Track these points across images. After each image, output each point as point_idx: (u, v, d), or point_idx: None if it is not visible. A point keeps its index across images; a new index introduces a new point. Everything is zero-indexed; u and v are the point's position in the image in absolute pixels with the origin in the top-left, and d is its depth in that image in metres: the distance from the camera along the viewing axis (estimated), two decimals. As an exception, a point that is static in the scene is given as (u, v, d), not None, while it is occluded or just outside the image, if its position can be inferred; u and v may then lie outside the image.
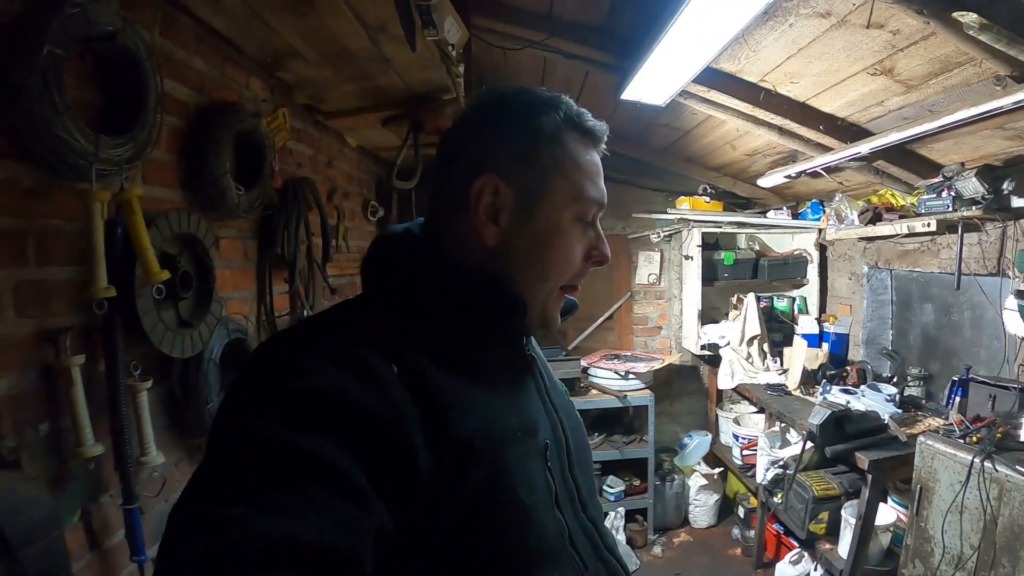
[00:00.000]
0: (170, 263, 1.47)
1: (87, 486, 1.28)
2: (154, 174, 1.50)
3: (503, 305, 0.75)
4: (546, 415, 0.82)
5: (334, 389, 0.59)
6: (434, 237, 0.80)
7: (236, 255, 1.94)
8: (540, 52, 2.80)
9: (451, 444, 0.64)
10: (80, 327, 1.28)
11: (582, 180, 0.77)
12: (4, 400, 1.11)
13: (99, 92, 1.32)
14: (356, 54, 1.83)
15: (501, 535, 0.68)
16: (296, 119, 2.31)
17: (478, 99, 0.83)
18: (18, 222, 1.13)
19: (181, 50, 1.59)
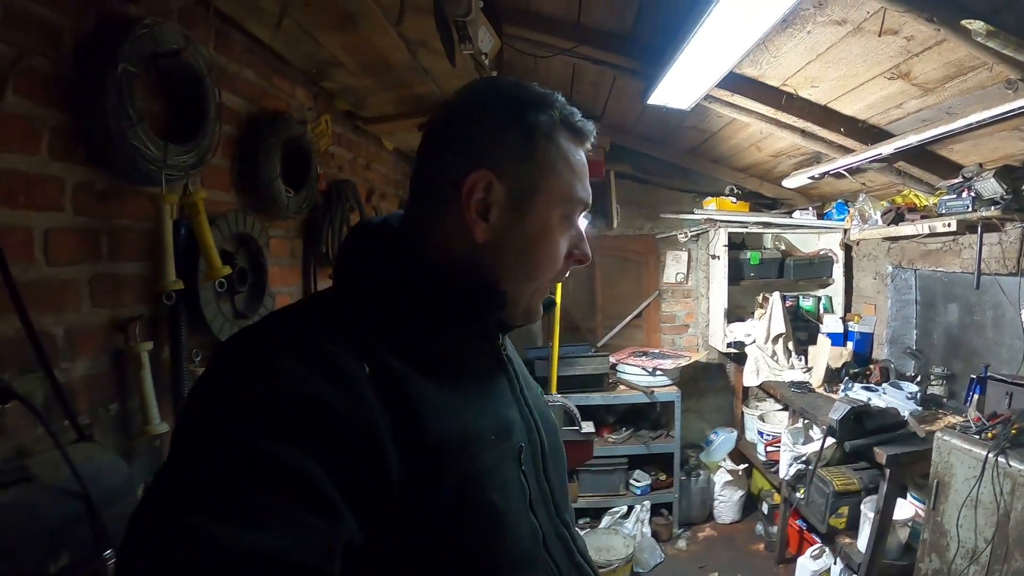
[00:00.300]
0: (228, 260, 1.61)
1: (152, 462, 1.40)
2: (211, 178, 1.65)
3: (482, 298, 0.74)
4: (521, 417, 0.80)
5: (304, 392, 0.57)
6: (416, 229, 0.78)
7: (284, 253, 2.10)
8: (569, 59, 2.91)
9: (424, 449, 0.62)
10: (148, 317, 1.42)
11: (572, 180, 0.77)
12: (80, 382, 1.24)
13: (164, 104, 1.46)
14: (396, 65, 1.98)
15: (474, 541, 0.66)
16: (337, 124, 2.46)
17: (473, 89, 0.80)
18: (93, 222, 1.27)
19: (233, 63, 1.74)
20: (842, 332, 3.62)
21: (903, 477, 2.52)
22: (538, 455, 0.80)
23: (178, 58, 1.38)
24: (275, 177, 1.82)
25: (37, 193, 1.14)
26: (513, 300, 0.77)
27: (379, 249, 0.77)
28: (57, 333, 1.19)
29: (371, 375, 0.62)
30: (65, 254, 1.20)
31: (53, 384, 1.13)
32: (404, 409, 0.62)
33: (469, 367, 0.76)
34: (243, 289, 1.72)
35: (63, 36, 1.18)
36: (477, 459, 0.68)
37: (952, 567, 2.15)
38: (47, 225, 1.16)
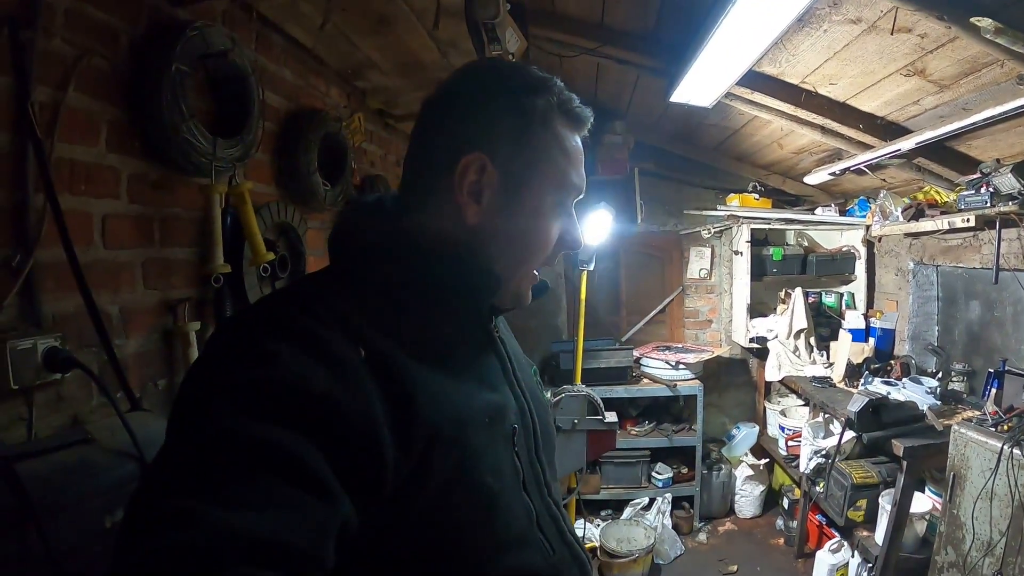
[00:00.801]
0: (270, 248, 1.72)
1: None
2: (254, 172, 1.76)
3: (475, 278, 0.74)
4: (514, 399, 0.80)
5: (299, 377, 0.57)
6: (409, 209, 0.77)
7: (320, 244, 2.21)
8: (594, 59, 2.98)
9: (418, 432, 0.62)
10: (195, 299, 1.54)
11: (567, 166, 0.77)
12: (132, 358, 1.35)
13: (212, 102, 1.58)
14: (426, 65, 2.08)
15: (469, 522, 0.67)
16: (369, 122, 2.58)
17: (471, 70, 0.80)
18: (146, 210, 1.38)
19: (273, 63, 1.86)
20: (864, 328, 3.62)
21: (920, 470, 2.53)
22: (531, 436, 0.81)
23: (225, 58, 1.50)
24: (313, 171, 1.93)
25: (96, 181, 1.25)
26: (503, 283, 0.76)
27: (372, 229, 0.76)
28: (112, 312, 1.30)
29: (366, 359, 0.62)
30: (120, 239, 1.32)
31: (111, 357, 1.24)
32: (398, 392, 0.62)
33: (462, 349, 0.76)
34: (284, 275, 1.83)
35: (119, 38, 1.30)
36: (471, 441, 0.68)
37: (967, 559, 2.17)
38: (104, 211, 1.28)
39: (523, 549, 0.73)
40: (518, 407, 0.80)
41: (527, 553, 0.73)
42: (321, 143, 1.99)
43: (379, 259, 0.74)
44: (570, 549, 0.80)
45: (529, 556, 0.73)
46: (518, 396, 0.82)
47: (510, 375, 0.82)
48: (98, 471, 1.05)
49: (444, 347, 0.73)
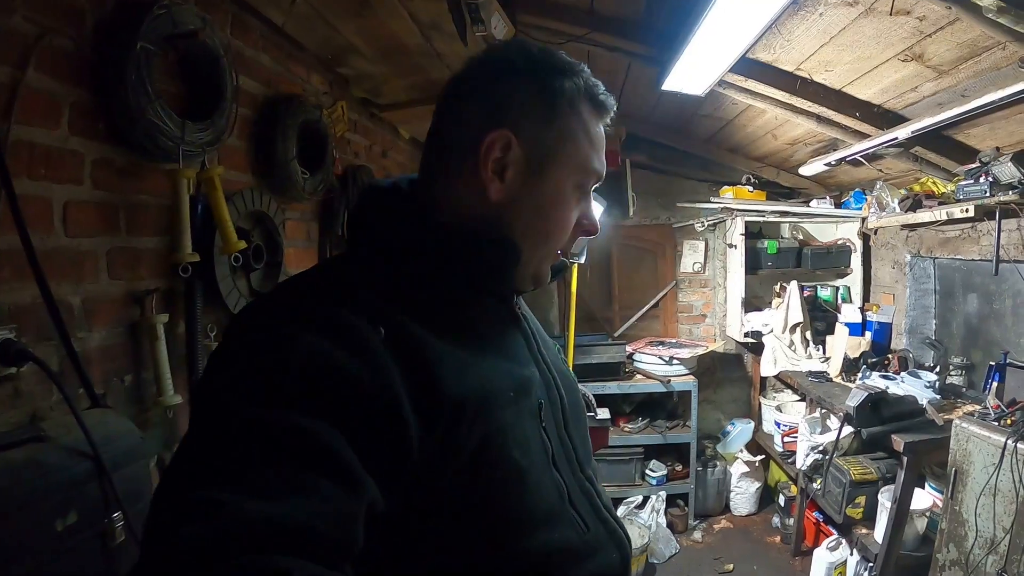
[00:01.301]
0: (244, 237, 1.63)
1: (164, 433, 1.43)
2: (228, 158, 1.68)
3: (496, 250, 0.74)
4: (539, 374, 0.80)
5: (319, 360, 0.57)
6: (430, 186, 0.78)
7: (300, 235, 2.15)
8: (583, 46, 2.91)
9: (442, 409, 0.62)
10: (164, 290, 1.46)
11: (589, 150, 0.77)
12: (96, 352, 1.28)
13: (182, 84, 1.50)
14: (410, 50, 2.00)
15: (498, 499, 0.66)
16: (353, 111, 2.50)
17: (500, 49, 0.80)
18: (111, 196, 1.31)
19: (250, 48, 1.78)
20: (860, 322, 3.58)
21: (921, 466, 2.48)
22: (558, 411, 0.80)
23: (195, 38, 1.42)
24: (291, 158, 1.86)
25: (57, 166, 1.18)
26: (524, 263, 0.76)
27: (390, 209, 0.77)
28: (74, 302, 1.23)
29: (386, 338, 0.61)
30: (83, 226, 1.25)
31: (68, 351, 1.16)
32: (421, 371, 0.62)
33: (484, 326, 0.76)
34: (259, 267, 1.76)
35: (84, 17, 1.22)
36: (496, 417, 0.68)
37: (970, 557, 2.11)
38: (66, 197, 1.20)
39: (555, 526, 0.71)
40: (543, 381, 0.80)
41: (560, 530, 0.72)
42: (300, 130, 1.92)
43: (398, 238, 0.74)
44: (605, 525, 0.79)
45: (562, 533, 0.72)
46: (543, 371, 0.81)
47: (534, 350, 0.82)
48: (49, 471, 0.98)
49: (466, 322, 0.73)
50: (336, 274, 0.73)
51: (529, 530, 0.69)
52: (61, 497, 0.98)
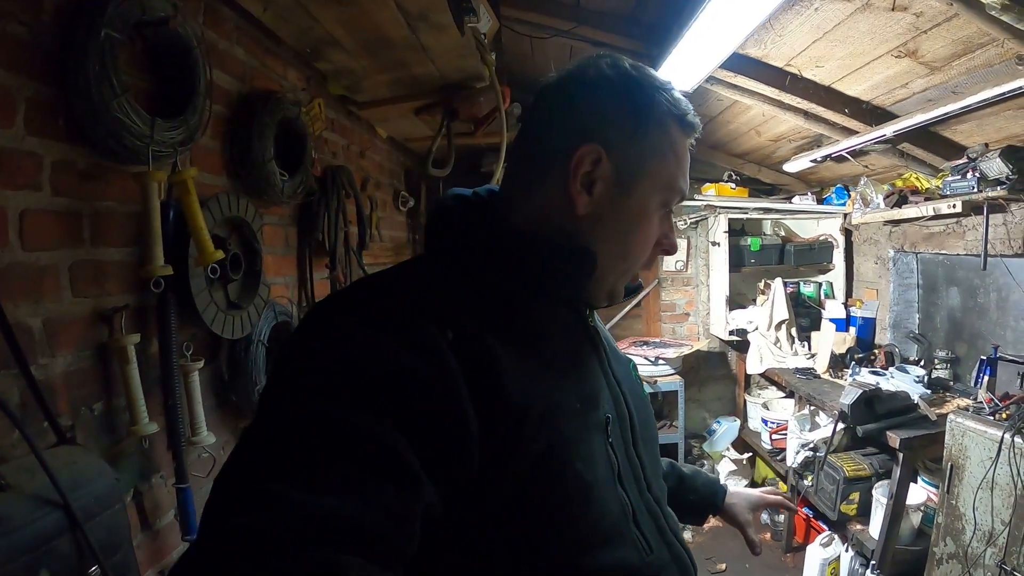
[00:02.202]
0: (220, 246, 1.50)
1: (140, 465, 1.30)
2: (202, 160, 1.55)
3: (572, 258, 0.73)
4: (608, 389, 0.78)
5: (386, 361, 0.57)
6: (513, 195, 0.78)
7: (278, 241, 2.01)
8: (567, 41, 2.85)
9: (506, 415, 0.61)
10: (134, 307, 1.31)
11: (676, 169, 0.77)
12: (61, 379, 1.13)
13: (151, 78, 1.36)
14: (395, 43, 1.89)
15: (558, 511, 0.65)
16: (330, 110, 2.38)
17: (591, 63, 0.78)
18: (73, 203, 1.16)
19: (223, 40, 1.64)
20: (844, 317, 3.59)
21: (915, 461, 2.47)
22: (627, 428, 0.79)
23: (166, 27, 1.30)
24: (269, 159, 1.73)
25: (11, 169, 1.04)
26: (601, 277, 0.76)
27: (468, 214, 0.78)
28: (34, 325, 1.09)
29: (453, 342, 0.61)
30: (42, 238, 1.10)
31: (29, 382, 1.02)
32: (487, 376, 0.61)
33: (555, 337, 0.75)
34: (237, 277, 1.62)
35: (42, 2, 1.09)
36: (561, 428, 0.67)
37: (968, 550, 2.11)
38: (22, 205, 1.06)
39: (617, 545, 0.70)
40: (612, 397, 0.78)
41: (621, 550, 0.70)
42: (277, 129, 1.79)
43: (473, 243, 0.75)
44: (670, 548, 0.77)
45: (624, 553, 0.70)
46: (612, 386, 0.80)
47: (605, 365, 0.81)
48: (12, 526, 0.84)
49: (536, 332, 0.73)
50: (410, 276, 0.73)
51: (589, 547, 0.67)
52: (28, 558, 0.85)
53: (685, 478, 1.17)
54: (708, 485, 1.19)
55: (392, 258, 3.34)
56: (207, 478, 1.49)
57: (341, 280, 2.39)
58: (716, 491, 1.19)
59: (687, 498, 1.14)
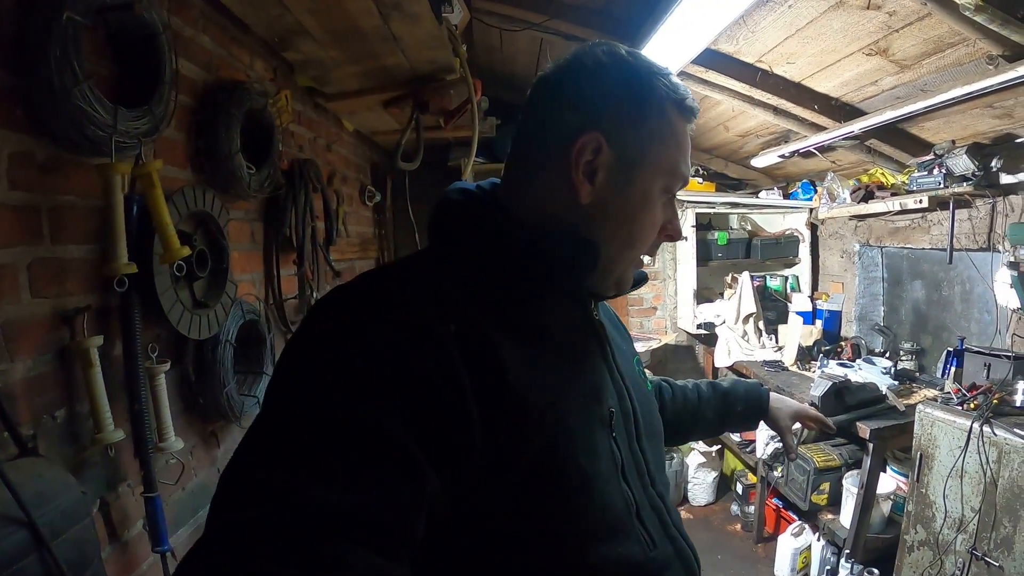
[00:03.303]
0: (186, 241, 1.43)
1: (106, 474, 1.24)
2: (165, 152, 1.46)
3: (573, 251, 0.72)
4: (612, 383, 0.78)
5: (388, 353, 0.57)
6: (514, 187, 0.78)
7: (244, 237, 1.93)
8: (538, 34, 2.81)
9: (510, 408, 0.61)
10: (97, 307, 1.24)
11: (677, 154, 0.76)
12: (20, 386, 1.06)
13: (114, 65, 1.29)
14: (366, 33, 1.82)
15: (561, 505, 0.65)
16: (296, 102, 2.29)
17: (588, 52, 0.78)
18: (32, 197, 1.09)
19: (190, 27, 1.56)
20: (811, 310, 3.66)
21: (884, 451, 2.53)
22: (631, 423, 0.78)
23: (131, 12, 1.21)
24: (236, 151, 1.64)
25: (-37, 163, 0.96)
26: (607, 267, 0.76)
27: (472, 208, 0.77)
28: (-9, 329, 1.00)
29: (456, 334, 0.61)
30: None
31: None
32: (490, 368, 0.61)
33: (559, 330, 0.74)
34: (203, 275, 1.54)
35: (0, -13, 1.00)
36: (564, 421, 0.67)
37: (940, 537, 2.17)
38: (-24, 201, 0.98)
39: (620, 540, 0.70)
40: (616, 391, 0.78)
41: (624, 544, 0.70)
42: (244, 121, 1.70)
43: (475, 235, 0.75)
44: (674, 544, 0.77)
45: (627, 548, 0.70)
46: (616, 381, 0.80)
47: (609, 359, 0.81)
48: None
49: (540, 324, 0.72)
50: (414, 270, 0.72)
51: (592, 542, 0.67)
52: (-3, 580, 0.78)
53: (728, 392, 1.23)
54: (751, 392, 1.25)
55: (359, 254, 3.25)
56: (175, 485, 1.43)
57: (309, 277, 2.31)
58: (760, 396, 1.25)
59: (735, 410, 1.22)
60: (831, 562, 2.73)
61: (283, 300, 2.12)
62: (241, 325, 1.70)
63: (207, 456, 1.64)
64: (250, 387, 1.80)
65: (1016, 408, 2.03)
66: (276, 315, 2.11)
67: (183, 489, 1.49)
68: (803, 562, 2.91)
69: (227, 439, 1.73)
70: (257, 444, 0.54)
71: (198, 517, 1.55)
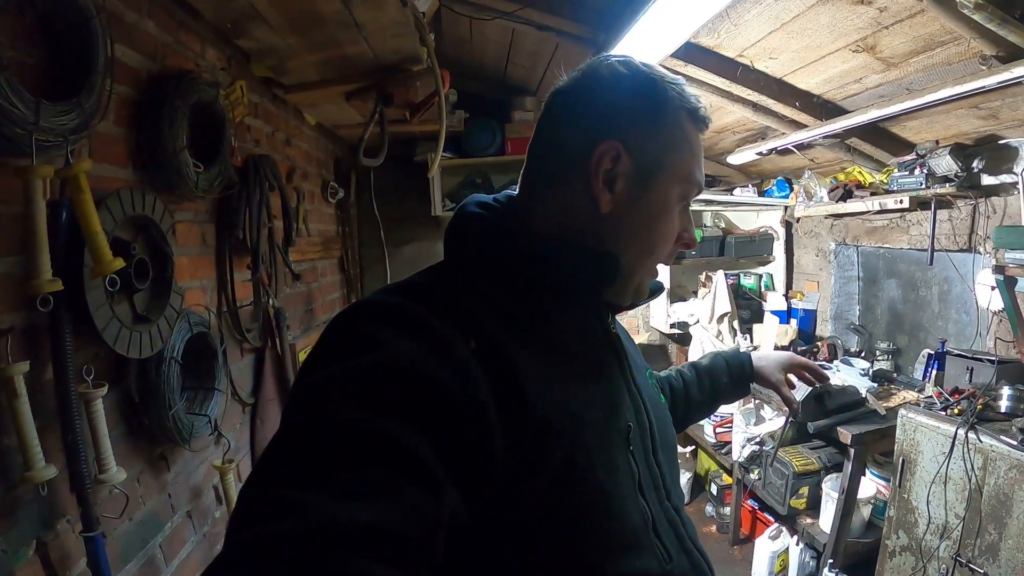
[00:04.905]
0: (123, 250, 1.32)
1: (40, 513, 1.12)
2: (102, 150, 1.33)
3: (592, 264, 0.73)
4: (629, 397, 0.79)
5: (410, 367, 0.57)
6: (533, 199, 0.78)
7: (193, 240, 1.77)
8: (509, 24, 2.68)
9: (530, 424, 0.61)
10: (21, 328, 1.11)
11: (692, 161, 0.77)
12: None
13: (40, 54, 1.15)
14: (325, 18, 1.68)
15: (579, 521, 0.65)
16: (253, 93, 2.13)
17: (602, 63, 0.79)
18: None
19: (132, 12, 1.42)
20: (785, 309, 3.63)
21: (865, 455, 2.49)
22: (647, 437, 0.79)
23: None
24: (181, 148, 1.49)
25: None
26: (627, 276, 0.76)
27: (490, 221, 0.78)
28: None
29: (477, 349, 0.61)
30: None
31: None
32: (510, 383, 0.61)
33: (578, 344, 0.75)
34: (143, 286, 1.40)
35: None
36: (584, 436, 0.67)
37: (923, 543, 2.13)
38: None
39: (637, 554, 0.70)
40: (633, 405, 0.79)
41: (642, 559, 0.70)
42: (192, 114, 1.55)
43: (494, 248, 0.75)
44: (689, 557, 0.77)
45: (644, 562, 0.71)
46: (633, 395, 0.80)
47: (626, 373, 0.82)
48: None
49: (558, 339, 0.73)
50: (431, 281, 0.73)
51: (610, 557, 0.67)
52: None
53: (711, 368, 1.24)
54: (732, 360, 1.25)
55: (321, 253, 3.10)
56: (120, 518, 1.31)
57: (265, 281, 2.15)
58: (742, 361, 1.25)
59: (722, 382, 1.22)
60: (810, 566, 2.70)
61: (237, 307, 1.96)
62: (189, 339, 1.58)
63: (156, 482, 1.50)
64: (201, 405, 1.67)
65: (1001, 414, 2.00)
66: (230, 323, 1.95)
67: (130, 520, 1.36)
68: (780, 565, 2.87)
69: (178, 462, 1.60)
70: (276, 459, 0.53)
71: (148, 548, 1.43)
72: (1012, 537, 1.85)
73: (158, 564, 1.46)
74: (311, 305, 2.91)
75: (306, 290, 2.83)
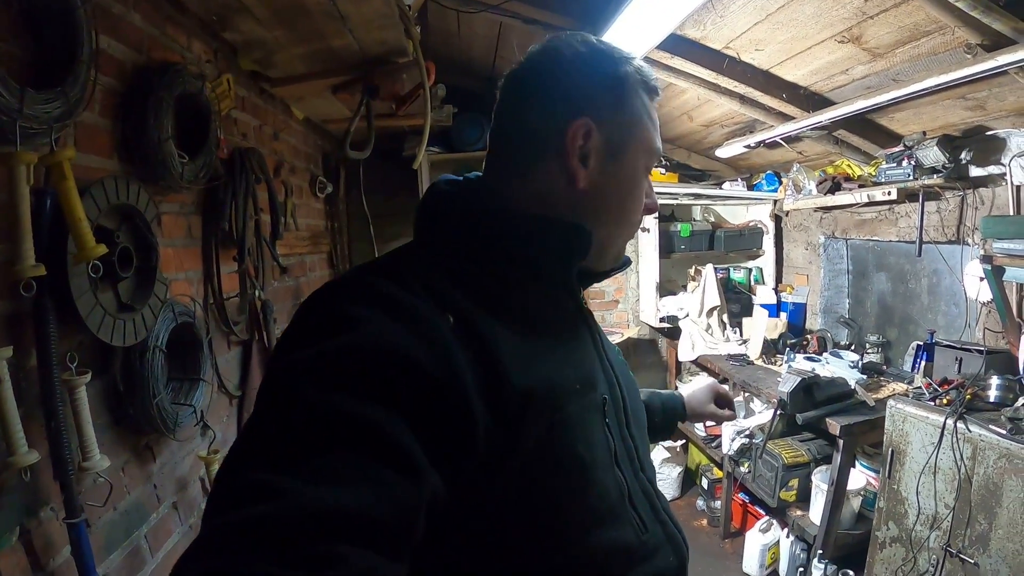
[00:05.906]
0: (107, 238, 1.31)
1: (23, 499, 1.12)
2: (87, 140, 1.33)
3: (565, 237, 0.74)
4: (602, 371, 0.80)
5: (385, 345, 0.56)
6: (503, 179, 0.79)
7: (179, 232, 1.76)
8: (497, 18, 2.68)
9: (509, 399, 0.61)
10: (7, 314, 1.12)
11: (653, 131, 0.80)
12: None
13: (25, 43, 1.16)
14: (311, 10, 1.67)
15: (560, 493, 0.66)
16: (240, 87, 2.11)
17: (560, 42, 0.80)
18: None
19: (118, 4, 1.42)
20: (775, 303, 3.63)
21: (854, 447, 2.50)
22: (620, 410, 0.80)
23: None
24: (166, 138, 1.48)
25: None
26: (606, 245, 0.79)
27: (462, 198, 0.78)
28: None
29: (454, 326, 0.61)
30: None
31: None
32: (488, 359, 0.62)
33: (552, 317, 0.76)
34: (127, 275, 1.39)
35: None
36: (562, 409, 0.67)
37: (913, 534, 2.14)
38: None
39: (614, 525, 0.71)
40: (606, 379, 0.80)
41: (618, 529, 0.72)
42: (177, 105, 1.54)
43: (471, 228, 0.75)
44: (664, 527, 0.79)
45: (620, 532, 0.72)
46: (606, 369, 0.81)
47: (599, 347, 0.83)
48: None
49: (533, 314, 0.73)
50: (405, 259, 0.73)
51: (589, 528, 0.68)
52: None
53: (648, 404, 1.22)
54: (668, 402, 1.28)
55: (309, 248, 3.08)
56: (104, 506, 1.30)
57: (252, 273, 2.14)
58: (675, 404, 1.28)
59: (653, 421, 1.20)
60: (800, 558, 2.70)
61: (224, 299, 1.95)
62: (173, 328, 1.57)
63: (141, 472, 1.49)
64: (186, 395, 1.66)
65: (990, 404, 2.01)
66: (216, 315, 1.94)
67: (114, 509, 1.35)
68: (772, 558, 2.88)
69: (163, 452, 1.60)
70: (251, 442, 0.53)
71: (133, 539, 1.43)
72: (1002, 527, 1.85)
73: (143, 555, 1.45)
74: (299, 300, 2.88)
75: (294, 284, 2.81)
